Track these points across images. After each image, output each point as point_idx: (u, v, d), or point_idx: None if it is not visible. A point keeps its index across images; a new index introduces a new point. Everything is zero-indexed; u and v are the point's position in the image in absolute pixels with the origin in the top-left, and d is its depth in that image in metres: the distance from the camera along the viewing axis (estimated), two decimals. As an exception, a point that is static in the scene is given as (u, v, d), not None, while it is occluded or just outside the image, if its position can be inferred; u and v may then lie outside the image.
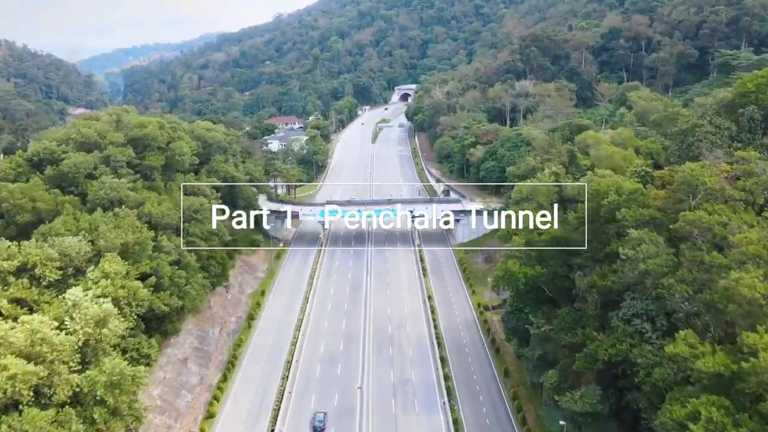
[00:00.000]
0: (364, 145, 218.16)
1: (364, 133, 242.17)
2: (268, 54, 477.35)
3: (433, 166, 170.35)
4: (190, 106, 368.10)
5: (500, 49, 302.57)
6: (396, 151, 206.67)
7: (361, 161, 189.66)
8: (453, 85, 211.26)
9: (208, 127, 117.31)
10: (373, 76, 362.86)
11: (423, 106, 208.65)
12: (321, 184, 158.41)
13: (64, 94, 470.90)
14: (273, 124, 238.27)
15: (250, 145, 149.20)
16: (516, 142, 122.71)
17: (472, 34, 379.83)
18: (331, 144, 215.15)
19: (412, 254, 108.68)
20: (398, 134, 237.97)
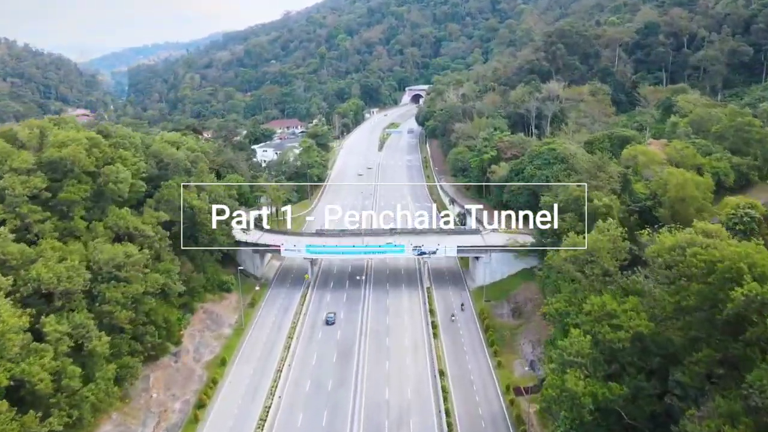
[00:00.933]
0: (370, 153, 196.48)
1: (371, 139, 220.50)
2: (274, 53, 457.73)
3: (446, 180, 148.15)
4: (189, 108, 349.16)
5: (520, 47, 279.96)
6: (405, 161, 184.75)
7: (365, 173, 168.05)
8: (469, 86, 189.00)
9: (173, 139, 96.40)
10: (382, 76, 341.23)
11: (435, 111, 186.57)
12: (314, 205, 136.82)
13: (63, 95, 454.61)
14: (270, 129, 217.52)
15: (233, 157, 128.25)
16: (548, 159, 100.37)
17: (488, 32, 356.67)
18: (333, 152, 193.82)
19: (420, 301, 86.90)
20: (407, 141, 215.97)
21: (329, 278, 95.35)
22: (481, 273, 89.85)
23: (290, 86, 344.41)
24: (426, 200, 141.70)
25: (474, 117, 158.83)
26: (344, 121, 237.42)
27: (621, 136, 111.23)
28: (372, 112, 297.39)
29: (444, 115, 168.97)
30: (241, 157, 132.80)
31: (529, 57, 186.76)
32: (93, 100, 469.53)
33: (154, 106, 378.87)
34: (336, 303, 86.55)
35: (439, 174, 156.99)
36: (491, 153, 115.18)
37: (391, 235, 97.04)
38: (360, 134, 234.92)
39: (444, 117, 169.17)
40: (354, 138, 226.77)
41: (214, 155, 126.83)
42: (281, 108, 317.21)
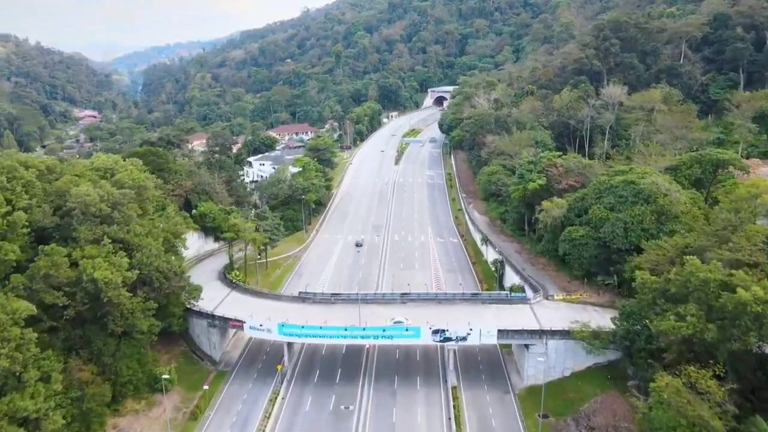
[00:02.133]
0: (385, 167, 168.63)
1: (387, 150, 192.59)
2: (290, 51, 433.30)
3: (476, 206, 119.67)
4: (196, 110, 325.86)
5: (557, 43, 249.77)
6: (425, 177, 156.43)
7: (376, 194, 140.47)
8: (502, 90, 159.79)
9: (105, 166, 69.94)
10: (402, 77, 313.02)
11: (462, 118, 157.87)
12: (310, 239, 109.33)
13: (70, 95, 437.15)
14: (271, 137, 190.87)
15: (208, 180, 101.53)
16: (624, 196, 71.39)
17: (519, 28, 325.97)
18: (342, 165, 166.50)
19: (442, 411, 58.85)
20: (429, 152, 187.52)
21: (313, 365, 67.62)
22: (532, 367, 61.31)
23: (303, 87, 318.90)
24: (451, 233, 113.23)
25: (510, 128, 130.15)
26: (358, 128, 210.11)
27: (716, 159, 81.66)
28: (390, 116, 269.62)
29: (473, 124, 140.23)
30: (219, 178, 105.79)
31: (575, 54, 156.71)
32: (102, 101, 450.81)
33: (161, 108, 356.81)
34: (317, 414, 58.86)
35: (467, 197, 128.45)
36: (538, 181, 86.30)
37: (402, 303, 69.15)
38: (375, 143, 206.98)
39: (473, 127, 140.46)
40: (368, 148, 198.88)
41: (184, 178, 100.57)
42: (292, 111, 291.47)
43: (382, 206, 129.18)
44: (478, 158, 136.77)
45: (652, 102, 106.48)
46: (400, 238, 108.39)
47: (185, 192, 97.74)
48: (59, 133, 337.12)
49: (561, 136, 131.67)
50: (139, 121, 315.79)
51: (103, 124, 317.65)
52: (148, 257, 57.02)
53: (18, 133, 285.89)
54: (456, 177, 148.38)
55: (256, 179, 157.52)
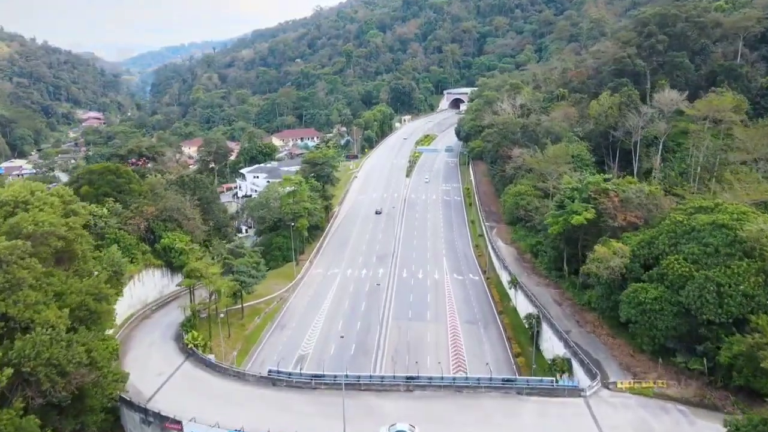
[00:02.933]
0: (394, 180, 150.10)
1: (398, 159, 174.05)
2: (300, 51, 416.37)
3: (500, 232, 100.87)
4: (200, 112, 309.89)
5: (584, 42, 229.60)
6: (440, 193, 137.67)
7: (384, 213, 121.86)
8: (528, 94, 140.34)
9: (17, 199, 52.36)
10: (416, 77, 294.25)
11: (483, 126, 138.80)
12: (301, 276, 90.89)
13: (74, 96, 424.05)
14: (270, 145, 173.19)
15: (175, 205, 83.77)
16: (713, 244, 52.07)
17: (541, 25, 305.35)
18: (348, 178, 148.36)
19: None
20: (445, 162, 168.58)
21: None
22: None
23: (312, 88, 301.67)
24: (470, 267, 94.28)
25: (539, 139, 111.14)
26: (367, 134, 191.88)
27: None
28: (403, 120, 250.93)
29: (496, 134, 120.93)
30: (192, 200, 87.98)
31: (611, 53, 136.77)
32: (107, 102, 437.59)
33: (164, 110, 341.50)
34: None
35: (488, 219, 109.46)
36: (585, 214, 67.09)
37: (408, 390, 50.57)
38: (385, 151, 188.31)
39: (496, 137, 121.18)
40: (377, 157, 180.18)
41: (148, 202, 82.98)
42: (299, 114, 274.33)
43: (389, 230, 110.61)
44: (501, 174, 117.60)
45: (721, 111, 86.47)
46: (410, 274, 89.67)
47: (147, 219, 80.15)
48: (59, 136, 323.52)
49: (599, 148, 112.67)
50: (140, 124, 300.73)
51: (102, 127, 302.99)
52: (33, 346, 39.05)
53: (11, 136, 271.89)
54: (475, 193, 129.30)
55: (249, 193, 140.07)
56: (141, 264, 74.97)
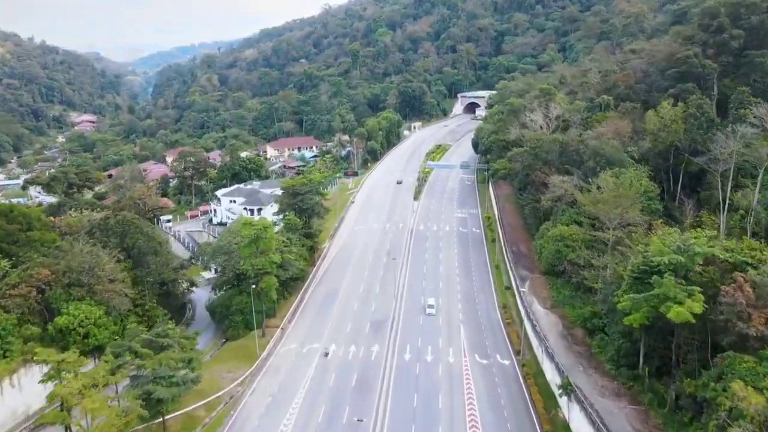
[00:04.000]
0: (400, 204, 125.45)
1: (406, 175, 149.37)
2: (305, 50, 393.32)
3: (535, 287, 76.22)
4: (194, 117, 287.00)
5: (617, 40, 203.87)
6: (455, 222, 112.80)
7: (384, 253, 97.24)
8: (563, 101, 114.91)
9: None
10: (428, 79, 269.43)
11: (508, 141, 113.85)
12: (263, 357, 66.31)
13: (68, 98, 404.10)
14: (256, 159, 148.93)
15: (90, 263, 59.96)
16: None
17: (565, 23, 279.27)
18: (342, 204, 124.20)
19: None
20: (460, 180, 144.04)
21: None
22: None
23: (315, 91, 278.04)
24: (497, 342, 69.29)
25: (585, 161, 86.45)
26: (370, 145, 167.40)
27: None
28: (413, 127, 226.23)
29: (527, 154, 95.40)
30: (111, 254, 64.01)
31: (668, 52, 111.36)
32: (103, 104, 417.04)
33: (160, 113, 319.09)
34: None
35: (518, 265, 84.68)
36: (690, 304, 42.15)
37: None
38: (391, 165, 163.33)
39: (526, 158, 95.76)
40: (381, 173, 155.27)
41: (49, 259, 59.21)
42: (299, 119, 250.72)
43: (389, 279, 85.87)
44: (534, 205, 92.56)
45: None
46: (414, 356, 65.07)
47: (40, 286, 56.39)
48: (46, 141, 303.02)
49: (657, 172, 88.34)
50: (129, 129, 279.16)
51: (88, 133, 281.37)
52: None
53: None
54: (499, 223, 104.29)
55: (225, 220, 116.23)
56: (18, 359, 51.12)
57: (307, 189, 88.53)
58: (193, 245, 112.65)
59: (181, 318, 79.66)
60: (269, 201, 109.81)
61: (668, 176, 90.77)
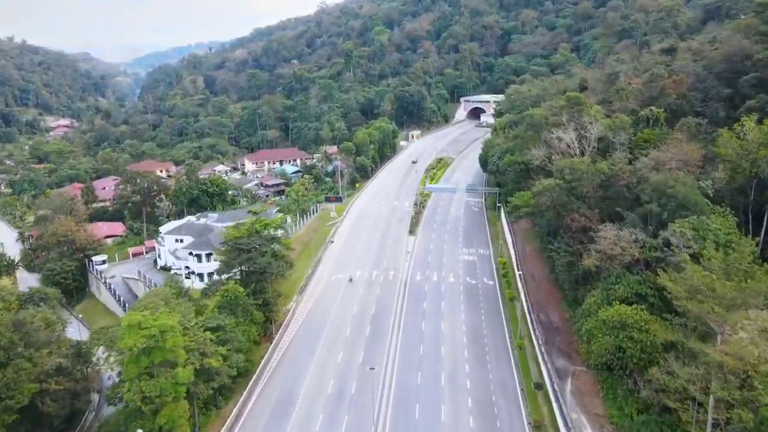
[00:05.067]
0: (391, 241, 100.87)
1: (400, 199, 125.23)
2: (297, 50, 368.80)
3: (581, 391, 51.88)
4: (173, 123, 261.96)
5: (640, 38, 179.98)
6: (461, 268, 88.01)
7: (367, 320, 72.57)
8: (598, 114, 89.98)
9: None
10: (428, 82, 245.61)
11: (527, 165, 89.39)
12: None
13: (45, 101, 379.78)
14: (221, 181, 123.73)
15: None
16: None
17: (579, 20, 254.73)
18: (317, 242, 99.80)
19: None
20: (465, 206, 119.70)
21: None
22: None
23: (305, 95, 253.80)
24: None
25: (647, 202, 62.27)
26: (360, 161, 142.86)
27: None
28: (411, 136, 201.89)
29: (559, 192, 70.00)
30: None
31: (733, 48, 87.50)
32: (82, 107, 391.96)
33: (139, 118, 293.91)
34: None
35: (551, 349, 60.42)
36: None
37: None
38: (383, 186, 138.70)
39: (559, 194, 70.43)
40: (370, 196, 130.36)
41: None
42: (285, 125, 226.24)
43: (370, 369, 60.93)
44: (569, 258, 67.79)
45: None
46: None
47: None
48: (13, 149, 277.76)
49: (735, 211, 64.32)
50: (101, 137, 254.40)
51: (51, 142, 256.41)
52: None
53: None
54: (518, 273, 79.80)
55: (170, 265, 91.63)
56: None
57: (259, 242, 63.85)
58: (128, 298, 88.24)
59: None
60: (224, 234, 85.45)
61: (746, 217, 66.93)
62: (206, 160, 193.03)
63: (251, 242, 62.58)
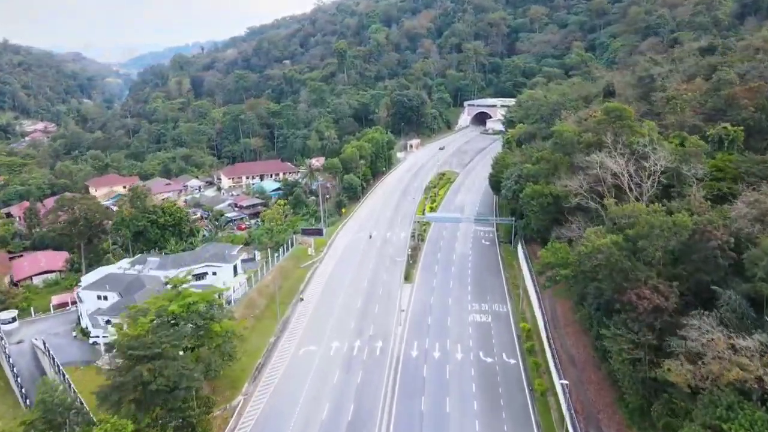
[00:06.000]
0: (380, 292, 79.38)
1: (394, 229, 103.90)
2: (291, 50, 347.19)
3: None
4: (151, 129, 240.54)
5: (667, 36, 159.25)
6: (470, 337, 66.34)
7: (339, 428, 51.02)
8: (653, 133, 68.18)
9: None
10: (428, 84, 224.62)
11: (559, 200, 67.97)
12: None
13: (22, 103, 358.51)
14: (174, 210, 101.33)
15: None
16: None
17: (593, 16, 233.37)
18: (285, 300, 78.47)
19: None
20: (473, 238, 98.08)
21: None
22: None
23: (294, 98, 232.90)
24: None
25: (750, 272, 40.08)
26: (348, 179, 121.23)
27: None
28: (409, 146, 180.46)
29: (620, 253, 48.28)
30: None
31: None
32: (62, 110, 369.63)
33: (114, 123, 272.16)
34: None
35: None
36: None
37: None
38: (375, 209, 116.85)
39: (618, 258, 48.68)
40: (359, 224, 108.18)
41: None
42: (271, 133, 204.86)
43: None
44: (633, 350, 46.13)
45: None
46: None
47: None
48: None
49: None
50: (72, 144, 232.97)
51: (21, 147, 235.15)
52: None
53: None
54: (549, 349, 58.57)
55: (88, 328, 69.93)
56: None
57: (167, 341, 41.46)
58: (34, 374, 66.69)
59: None
60: (157, 290, 64.01)
61: None
62: (179, 172, 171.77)
63: (157, 342, 41.01)
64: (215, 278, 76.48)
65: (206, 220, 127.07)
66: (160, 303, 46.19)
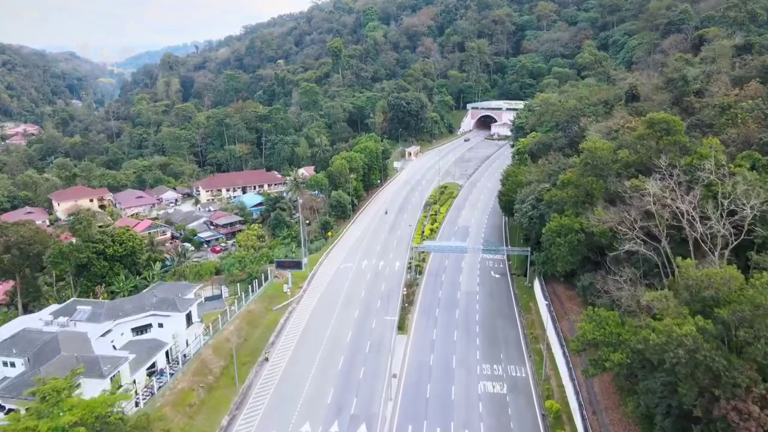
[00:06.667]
0: (367, 347, 64.25)
1: (387, 258, 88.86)
2: (285, 49, 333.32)
3: None
4: (133, 133, 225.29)
5: (691, 32, 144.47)
6: (480, 415, 50.77)
7: None
8: (719, 152, 52.99)
9: None
10: (428, 86, 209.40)
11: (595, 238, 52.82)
12: None
13: (5, 105, 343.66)
14: (126, 236, 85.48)
15: None
16: None
17: (605, 13, 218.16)
18: (249, 360, 63.18)
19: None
20: (480, 270, 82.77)
21: None
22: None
23: (285, 100, 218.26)
24: None
25: None
26: (336, 196, 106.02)
27: None
28: (408, 153, 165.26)
29: (709, 345, 33.39)
30: None
31: None
32: (48, 112, 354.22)
33: (99, 126, 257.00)
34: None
35: None
36: None
37: None
38: (363, 236, 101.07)
39: (709, 355, 33.78)
40: (344, 254, 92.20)
41: None
42: (258, 138, 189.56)
43: None
44: None
45: None
46: None
47: None
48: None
49: None
50: (48, 150, 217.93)
51: None
52: None
53: None
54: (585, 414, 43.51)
55: None
56: None
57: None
58: None
59: None
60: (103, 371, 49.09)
61: None
62: (155, 183, 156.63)
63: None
64: (162, 331, 61.29)
65: (177, 240, 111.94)
66: (23, 425, 31.35)
